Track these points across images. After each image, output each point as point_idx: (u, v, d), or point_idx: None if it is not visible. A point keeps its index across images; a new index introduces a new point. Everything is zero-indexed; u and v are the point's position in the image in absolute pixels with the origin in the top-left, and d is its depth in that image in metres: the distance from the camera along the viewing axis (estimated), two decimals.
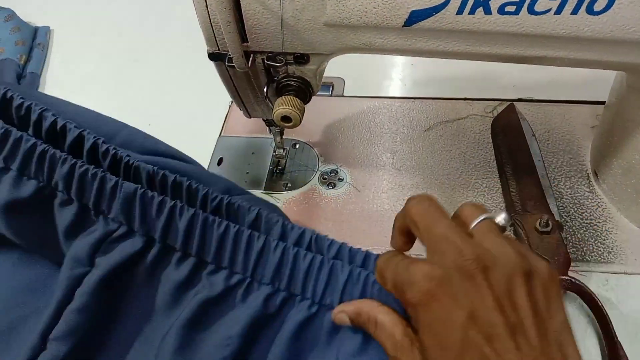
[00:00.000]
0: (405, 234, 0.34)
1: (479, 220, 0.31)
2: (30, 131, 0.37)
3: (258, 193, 0.60)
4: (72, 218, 0.36)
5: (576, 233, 0.53)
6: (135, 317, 0.37)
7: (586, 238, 0.52)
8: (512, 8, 0.36)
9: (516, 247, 0.30)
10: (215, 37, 0.42)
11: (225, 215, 0.37)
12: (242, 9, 0.39)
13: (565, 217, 0.54)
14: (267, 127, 0.59)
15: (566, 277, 0.47)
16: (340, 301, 0.34)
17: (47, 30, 0.86)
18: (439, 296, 0.28)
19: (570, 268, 0.49)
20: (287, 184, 0.61)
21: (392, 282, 0.31)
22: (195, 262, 0.35)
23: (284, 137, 0.61)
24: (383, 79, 0.74)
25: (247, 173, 0.63)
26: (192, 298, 0.35)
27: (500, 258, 0.29)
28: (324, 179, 0.61)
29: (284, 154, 0.63)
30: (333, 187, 0.60)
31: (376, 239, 0.55)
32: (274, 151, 0.64)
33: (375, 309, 0.33)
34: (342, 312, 0.33)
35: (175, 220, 0.35)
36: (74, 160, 0.35)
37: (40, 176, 0.36)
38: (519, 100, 0.66)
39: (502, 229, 0.32)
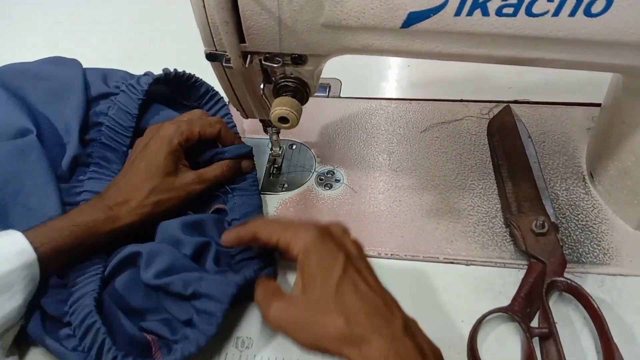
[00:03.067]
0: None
1: None
2: None
3: None
4: None
5: (572, 234, 0.53)
6: None
7: (582, 239, 0.53)
8: (509, 10, 0.36)
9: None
10: (212, 38, 0.42)
11: None
12: (240, 9, 0.39)
13: (561, 218, 0.54)
14: (264, 128, 0.59)
15: (562, 279, 0.47)
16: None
17: None
18: (327, 239, 0.42)
19: (566, 269, 0.49)
20: (283, 184, 0.61)
21: (284, 229, 0.43)
22: None
23: (280, 137, 0.60)
24: (380, 80, 0.74)
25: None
26: None
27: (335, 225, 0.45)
28: (321, 179, 0.61)
29: (280, 154, 0.63)
30: (330, 188, 0.60)
31: (373, 240, 0.55)
32: (271, 151, 0.63)
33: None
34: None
35: None
36: None
37: None
38: (515, 102, 0.67)
39: None
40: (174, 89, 0.63)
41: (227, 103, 0.63)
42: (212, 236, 0.53)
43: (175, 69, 0.60)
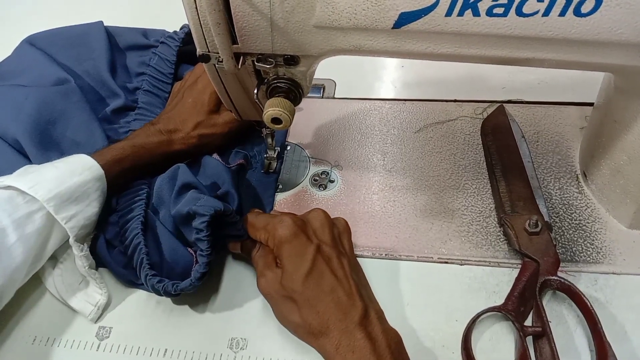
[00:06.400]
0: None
1: None
2: None
3: None
4: None
5: (565, 233, 0.53)
6: None
7: (575, 238, 0.53)
8: (500, 10, 0.37)
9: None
10: (205, 39, 0.42)
11: None
12: (232, 10, 0.39)
13: (554, 217, 0.55)
14: (258, 129, 0.59)
15: (555, 278, 0.48)
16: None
17: None
18: (299, 234, 0.46)
19: (560, 268, 0.49)
20: (278, 185, 0.61)
21: (264, 226, 0.48)
22: None
23: (274, 138, 0.60)
24: (374, 81, 0.74)
25: None
26: None
27: (336, 220, 0.51)
28: (315, 180, 0.61)
29: (274, 155, 0.63)
30: (324, 189, 0.60)
31: (367, 240, 0.55)
32: (265, 152, 0.63)
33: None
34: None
35: None
36: None
37: None
38: (509, 101, 0.67)
39: None
40: None
41: None
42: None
43: None
